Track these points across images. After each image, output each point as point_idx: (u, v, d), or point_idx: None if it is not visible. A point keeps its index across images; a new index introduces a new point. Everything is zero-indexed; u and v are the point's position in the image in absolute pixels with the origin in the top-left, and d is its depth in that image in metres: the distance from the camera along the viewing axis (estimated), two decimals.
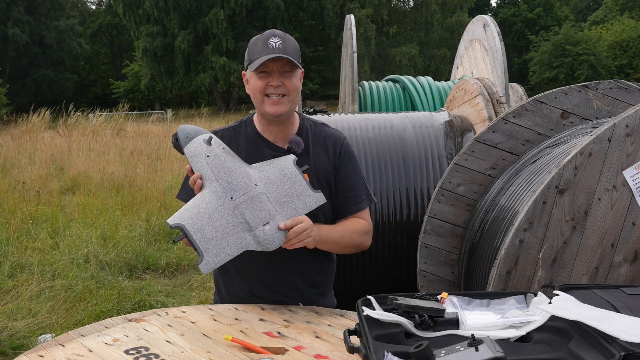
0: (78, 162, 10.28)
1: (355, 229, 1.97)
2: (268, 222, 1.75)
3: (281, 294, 1.97)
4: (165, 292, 4.75)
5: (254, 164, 1.84)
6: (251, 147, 1.98)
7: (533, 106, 2.59)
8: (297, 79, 1.91)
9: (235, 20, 35.01)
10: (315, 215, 1.90)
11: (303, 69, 1.99)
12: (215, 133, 2.05)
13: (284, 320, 1.77)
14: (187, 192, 1.93)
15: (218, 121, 20.97)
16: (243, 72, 1.98)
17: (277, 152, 1.96)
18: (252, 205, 1.74)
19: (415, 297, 1.53)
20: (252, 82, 1.92)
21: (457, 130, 3.35)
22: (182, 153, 1.83)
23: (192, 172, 1.82)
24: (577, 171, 1.91)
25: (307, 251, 1.86)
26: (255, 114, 2.04)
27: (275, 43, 1.85)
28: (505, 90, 4.30)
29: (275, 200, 1.79)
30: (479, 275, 2.39)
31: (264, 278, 1.97)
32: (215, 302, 2.10)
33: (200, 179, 1.78)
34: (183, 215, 1.73)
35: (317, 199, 1.83)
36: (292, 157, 1.84)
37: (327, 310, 1.89)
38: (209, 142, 1.79)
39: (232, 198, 1.73)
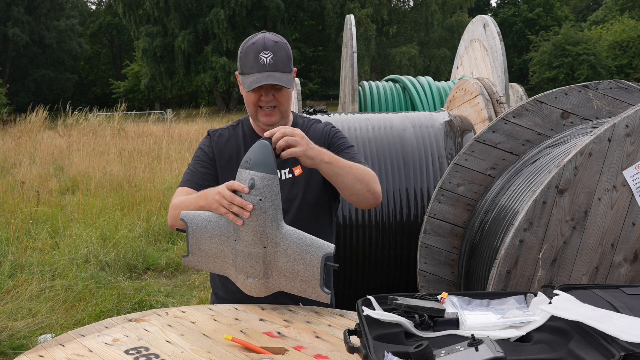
0: (78, 162, 10.28)
1: (364, 168, 1.87)
2: (253, 278, 1.73)
3: (280, 292, 1.97)
4: (165, 292, 4.75)
5: (291, 228, 1.67)
6: (248, 145, 2.01)
7: (533, 106, 2.59)
8: (288, 91, 1.94)
9: (235, 20, 35.04)
10: (307, 200, 1.94)
11: (296, 68, 2.02)
12: (215, 131, 2.08)
13: (284, 320, 1.77)
14: (189, 182, 1.97)
15: (218, 121, 21.00)
16: (236, 72, 2.00)
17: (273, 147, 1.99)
18: (247, 259, 1.70)
19: (415, 297, 1.53)
20: (246, 95, 1.96)
21: (457, 130, 3.35)
22: (245, 165, 1.64)
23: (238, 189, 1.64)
24: (577, 171, 1.91)
25: None
26: None
27: (267, 58, 1.86)
28: (505, 90, 4.30)
29: (276, 269, 1.71)
30: (479, 275, 2.39)
31: None
32: (212, 303, 2.11)
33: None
34: (194, 218, 1.74)
35: (319, 296, 1.70)
36: (326, 251, 1.64)
37: (327, 310, 1.89)
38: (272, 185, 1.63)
39: (235, 240, 1.70)
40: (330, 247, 1.64)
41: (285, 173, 1.97)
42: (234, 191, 1.64)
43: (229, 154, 2.02)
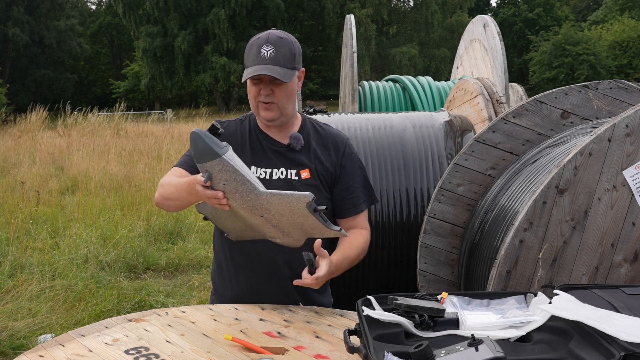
0: (78, 162, 10.28)
1: (359, 246, 1.99)
2: (279, 238, 1.81)
3: (281, 291, 1.97)
4: (165, 292, 4.75)
5: (270, 191, 1.68)
6: (254, 141, 2.04)
7: (533, 106, 2.59)
8: (288, 87, 1.93)
9: (236, 20, 35.04)
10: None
11: (303, 68, 2.01)
12: (222, 123, 2.08)
13: (284, 320, 1.77)
14: (185, 164, 1.99)
15: None
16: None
17: (277, 147, 2.01)
18: (261, 227, 1.78)
19: (415, 297, 1.53)
20: (248, 88, 1.98)
21: (457, 130, 3.35)
22: (200, 157, 1.64)
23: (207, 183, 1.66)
24: (577, 171, 1.91)
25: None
26: None
27: (267, 52, 1.87)
28: (505, 90, 4.30)
29: (286, 226, 1.76)
30: (479, 275, 2.39)
31: (263, 274, 1.98)
32: (212, 302, 2.11)
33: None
34: (203, 208, 1.78)
35: (336, 234, 1.76)
36: (306, 202, 1.66)
37: (327, 310, 1.89)
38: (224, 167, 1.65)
39: (241, 218, 1.76)
40: (306, 195, 1.65)
41: (292, 173, 1.98)
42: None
43: (233, 145, 2.02)
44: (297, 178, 1.97)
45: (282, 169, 1.97)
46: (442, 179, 2.71)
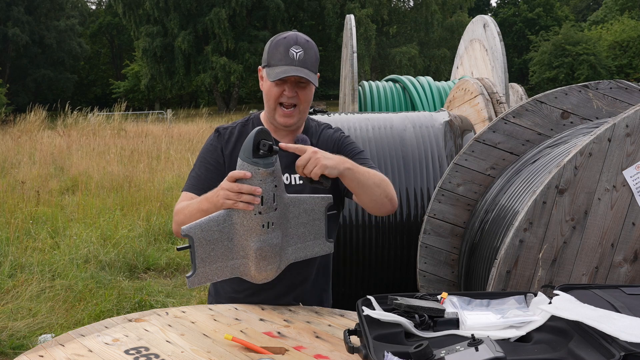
0: (78, 162, 10.27)
1: (379, 174, 1.83)
2: (251, 271, 1.73)
3: (280, 290, 1.96)
4: (165, 292, 4.75)
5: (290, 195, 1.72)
6: None
7: (533, 106, 2.59)
8: (312, 90, 1.92)
9: (236, 20, 35.05)
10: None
11: (318, 72, 2.01)
12: (225, 129, 2.03)
13: (284, 320, 1.77)
14: (194, 188, 1.93)
15: (218, 121, 20.95)
16: (259, 67, 1.97)
17: (282, 151, 1.97)
18: (248, 252, 1.70)
19: (415, 297, 1.53)
20: (267, 88, 1.92)
21: (457, 130, 3.35)
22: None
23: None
24: (577, 171, 1.91)
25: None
26: (262, 113, 2.05)
27: (297, 53, 1.84)
28: (505, 90, 4.30)
29: (287, 238, 1.73)
30: (479, 275, 2.39)
31: None
32: (210, 302, 2.10)
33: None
34: (195, 228, 1.64)
35: (322, 249, 1.80)
36: (327, 202, 1.75)
37: (327, 310, 1.89)
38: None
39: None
40: (329, 197, 1.77)
41: (295, 178, 1.95)
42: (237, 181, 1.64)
43: (238, 152, 2.00)
44: (301, 182, 1.94)
45: (286, 174, 1.93)
46: (442, 179, 2.71)
